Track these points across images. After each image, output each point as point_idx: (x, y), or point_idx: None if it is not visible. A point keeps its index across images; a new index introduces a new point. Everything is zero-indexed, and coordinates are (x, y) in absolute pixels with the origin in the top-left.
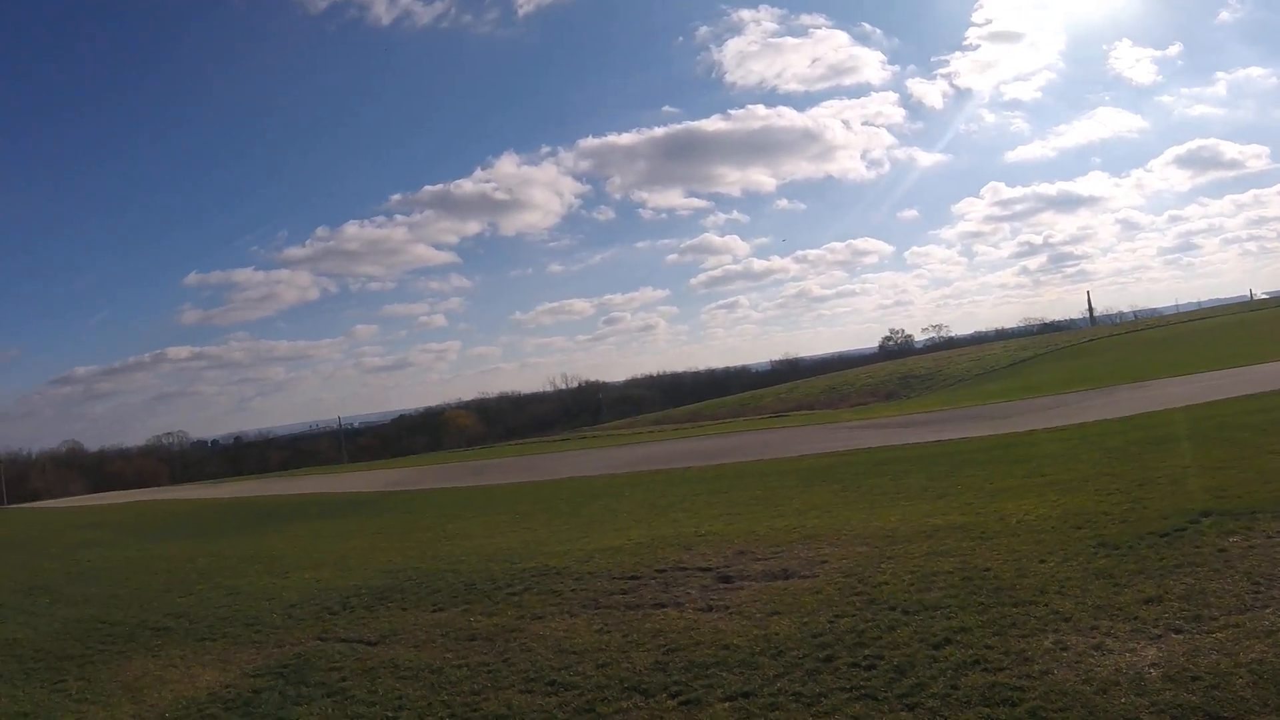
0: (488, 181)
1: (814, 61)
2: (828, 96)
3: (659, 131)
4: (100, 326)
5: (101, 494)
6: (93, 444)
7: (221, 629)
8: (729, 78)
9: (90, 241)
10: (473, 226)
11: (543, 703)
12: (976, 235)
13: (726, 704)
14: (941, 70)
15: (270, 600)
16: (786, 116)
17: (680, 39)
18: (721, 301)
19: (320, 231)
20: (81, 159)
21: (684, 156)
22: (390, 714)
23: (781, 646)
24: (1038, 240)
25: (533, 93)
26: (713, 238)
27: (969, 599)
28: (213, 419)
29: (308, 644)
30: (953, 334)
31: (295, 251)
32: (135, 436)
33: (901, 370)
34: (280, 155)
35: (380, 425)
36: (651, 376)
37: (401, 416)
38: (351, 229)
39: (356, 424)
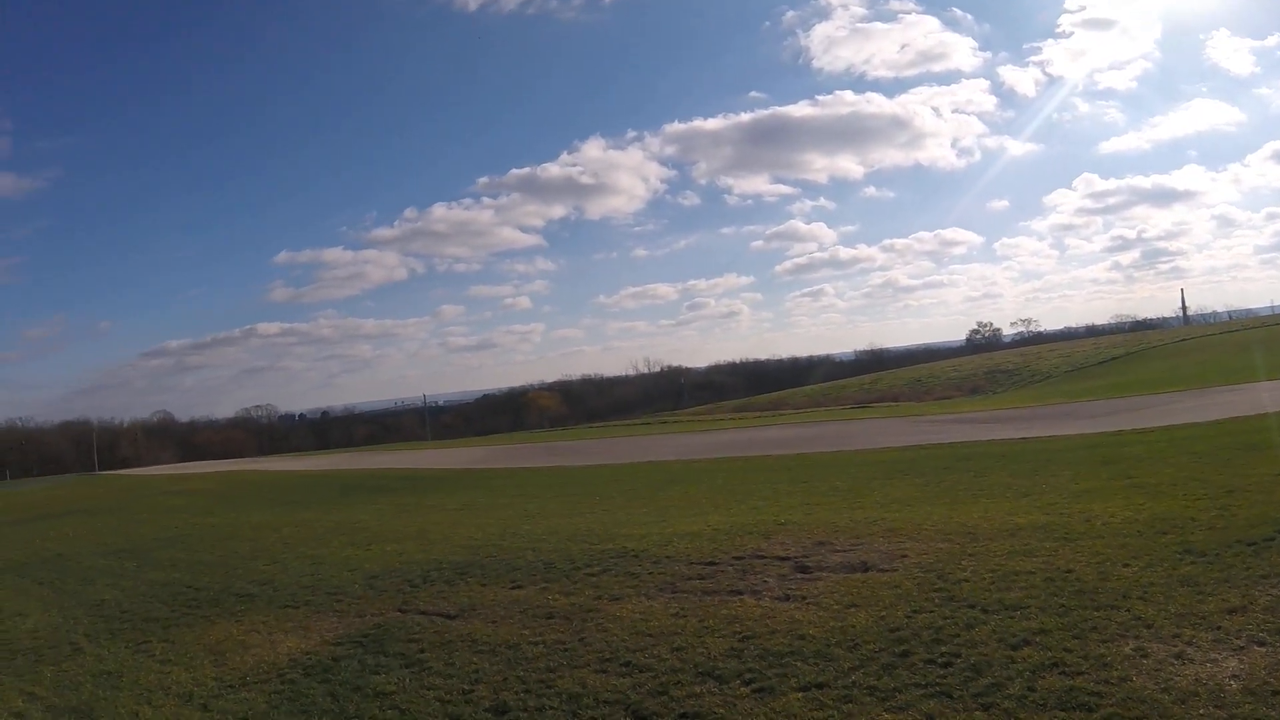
0: (574, 165)
1: (903, 47)
2: (917, 83)
3: (745, 117)
4: (193, 301)
5: (190, 463)
6: (183, 415)
7: (304, 597)
8: (816, 63)
9: (184, 219)
10: (558, 210)
11: (617, 683)
12: (1068, 228)
13: (800, 694)
14: (1034, 57)
15: (353, 571)
16: (875, 103)
17: (767, 24)
18: (806, 289)
19: (408, 213)
20: (177, 139)
21: (770, 142)
22: (466, 687)
23: (858, 639)
24: (1131, 235)
25: (619, 78)
26: (799, 225)
27: (1050, 600)
28: (300, 394)
29: (388, 615)
30: (1042, 329)
31: (384, 232)
32: (224, 408)
33: (988, 365)
34: (370, 138)
35: (464, 404)
36: (734, 363)
37: (485, 396)
38: (439, 211)
39: (441, 402)
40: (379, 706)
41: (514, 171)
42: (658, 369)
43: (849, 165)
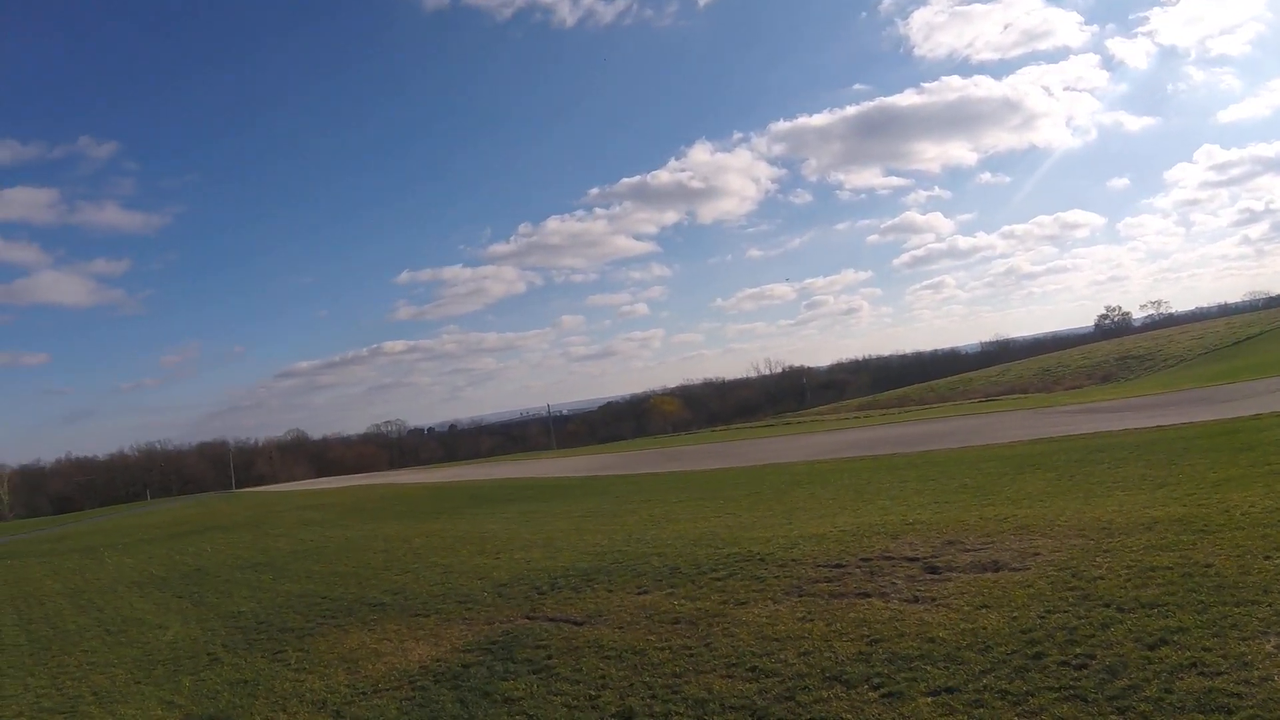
0: (683, 171)
1: (1006, 27)
2: (1025, 63)
3: (851, 110)
4: (321, 323)
5: (324, 478)
6: (316, 432)
7: (435, 605)
8: (918, 51)
9: (307, 244)
10: (670, 216)
11: (743, 688)
12: (1193, 203)
13: (930, 699)
14: (1142, 28)
15: (482, 579)
16: (983, 86)
17: (864, 14)
18: (926, 282)
19: (523, 228)
20: (294, 169)
21: (879, 134)
22: (593, 693)
23: (989, 642)
24: (1259, 207)
25: (719, 80)
26: (914, 216)
27: (1188, 597)
28: (428, 408)
29: (516, 622)
30: (1173, 310)
31: (500, 248)
32: (355, 425)
33: (1119, 350)
34: (481, 157)
35: (588, 412)
36: (856, 360)
37: (608, 403)
38: (553, 224)
39: (565, 411)
40: (507, 712)
41: (624, 180)
42: (779, 370)
43: (961, 152)
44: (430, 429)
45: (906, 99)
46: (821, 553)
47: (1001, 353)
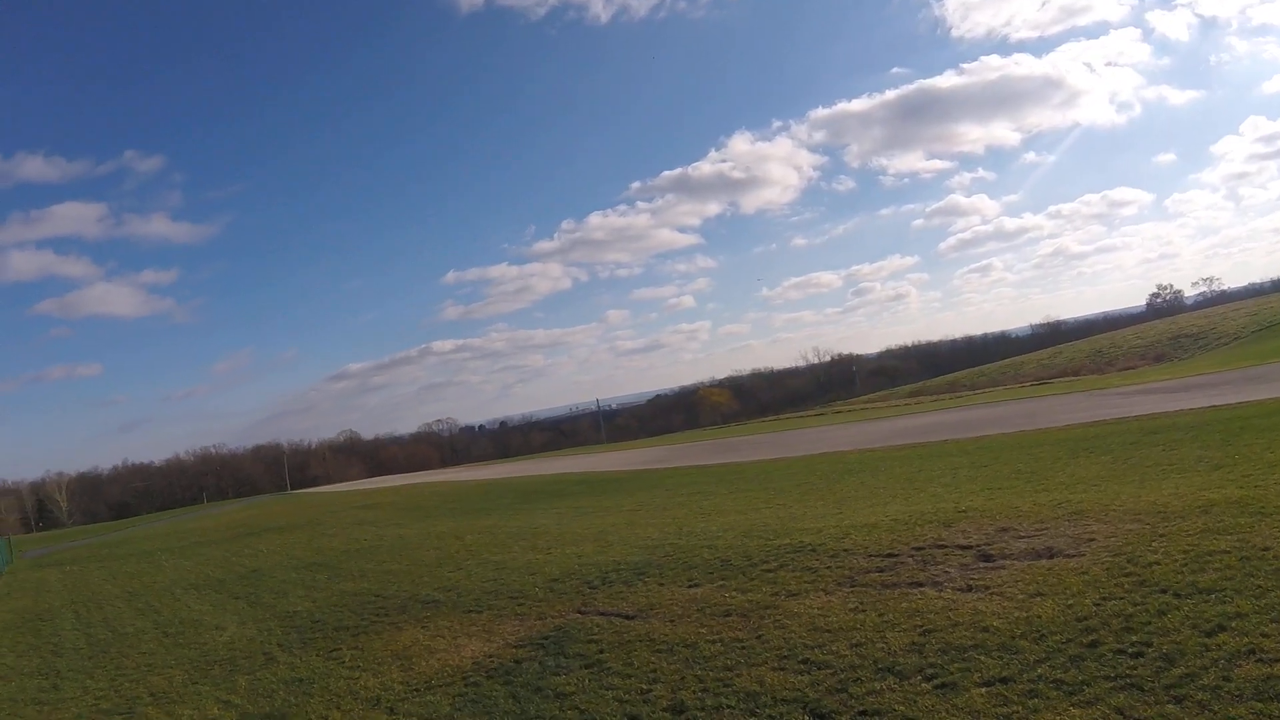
0: (723, 161)
1: (1044, 4)
2: (1064, 40)
3: (890, 94)
4: (370, 325)
5: (377, 478)
6: (368, 432)
7: (487, 602)
8: (955, 31)
9: (353, 250)
10: (713, 207)
11: (795, 680)
12: (1241, 176)
13: (984, 689)
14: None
15: (534, 575)
16: (1024, 64)
17: None
18: (974, 265)
19: (566, 224)
20: (337, 175)
21: (920, 117)
22: (645, 687)
23: (1044, 630)
24: None
25: (756, 70)
26: (959, 199)
27: (1246, 582)
28: (478, 405)
29: (568, 617)
30: (1225, 287)
31: (545, 245)
32: (407, 424)
33: (1172, 330)
34: (521, 155)
35: (637, 405)
36: (906, 347)
37: (657, 396)
38: (596, 219)
39: (614, 405)
40: (559, 707)
41: (665, 174)
42: (828, 358)
43: (1004, 132)
44: (481, 427)
45: (946, 80)
46: (873, 542)
47: (1052, 335)
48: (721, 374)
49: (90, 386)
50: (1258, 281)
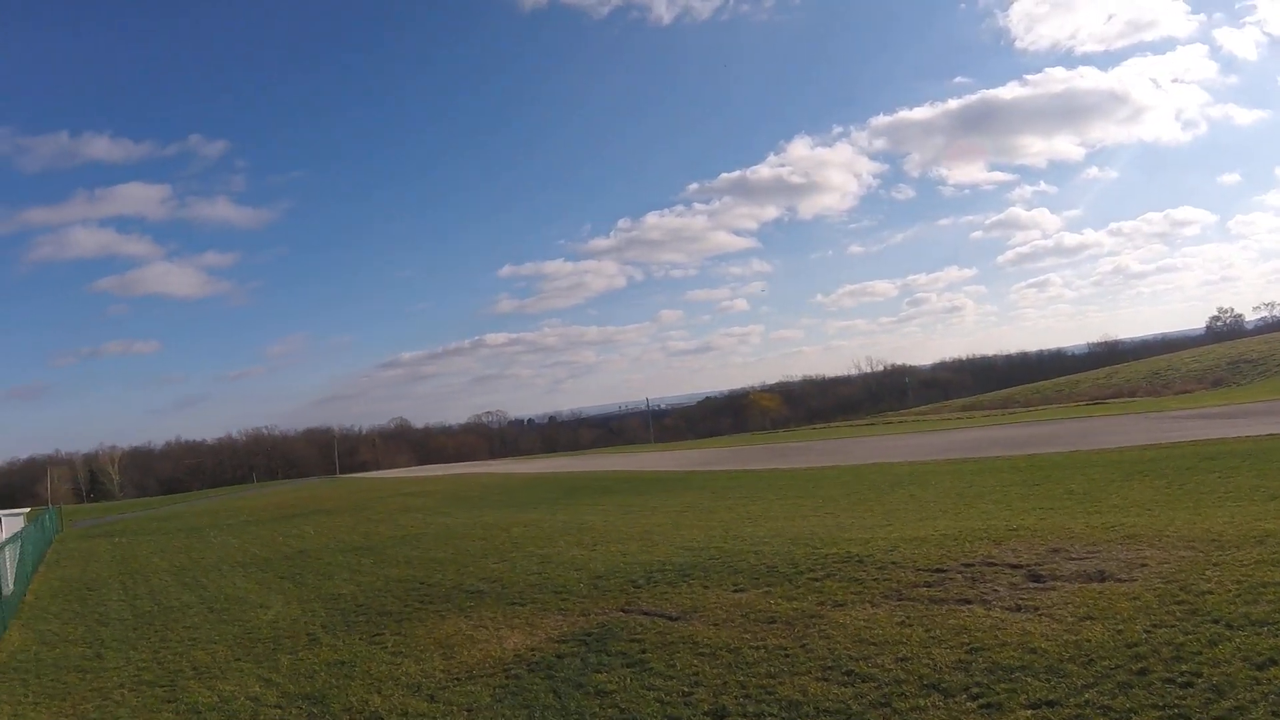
0: (783, 166)
1: (1110, 18)
2: (1130, 54)
3: (953, 104)
4: (423, 315)
5: (426, 466)
6: (419, 421)
7: (531, 595)
8: (1019, 43)
9: (410, 238)
10: (770, 211)
11: (838, 692)
12: None
13: (1029, 712)
14: (1249, 17)
15: (578, 570)
16: (1089, 78)
17: (962, 6)
18: (1032, 280)
19: (622, 223)
20: (396, 164)
21: (982, 128)
22: (686, 689)
23: (1092, 655)
24: None
25: (818, 74)
26: (1019, 212)
27: None
28: (529, 399)
29: (611, 614)
30: None
31: (601, 242)
32: (457, 414)
33: (1231, 354)
34: (580, 152)
35: (686, 407)
36: (960, 360)
37: (707, 398)
38: (652, 219)
39: (663, 405)
40: (599, 705)
41: (724, 176)
42: (880, 368)
43: (1067, 146)
44: (530, 420)
45: (1009, 91)
46: (922, 556)
47: (1109, 354)
48: (772, 379)
49: (147, 363)
50: None
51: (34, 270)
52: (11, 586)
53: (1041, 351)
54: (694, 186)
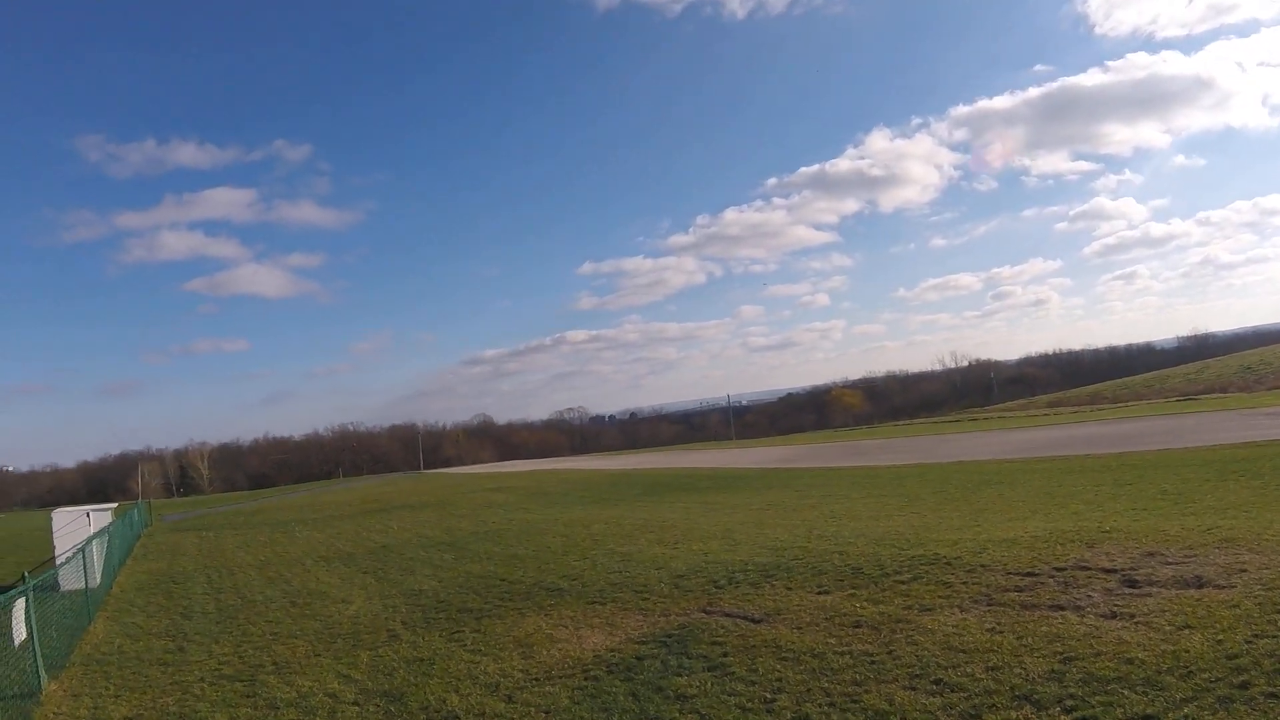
0: (861, 159)
1: (1191, 1)
2: (1214, 38)
3: (1034, 92)
4: (505, 313)
5: (508, 462)
6: (501, 417)
7: (612, 594)
8: (1099, 29)
9: (492, 237)
10: (850, 205)
11: (926, 702)
12: None
13: None
14: None
15: (660, 569)
16: (1172, 63)
17: None
18: (1118, 271)
19: (701, 219)
20: (478, 164)
21: (1064, 116)
22: (768, 695)
23: (1191, 666)
24: None
25: (894, 65)
26: (1104, 202)
27: None
28: (609, 395)
29: (692, 615)
30: None
31: (680, 239)
32: (539, 411)
33: None
34: (658, 151)
35: (767, 403)
36: (1046, 355)
37: (788, 395)
38: (731, 215)
39: (744, 401)
40: (679, 709)
41: (802, 170)
42: (965, 363)
43: (1152, 134)
44: (611, 416)
45: (1091, 78)
46: (1012, 559)
47: (1200, 348)
48: (854, 375)
49: (236, 361)
50: None
51: (126, 272)
52: (99, 580)
53: (1130, 346)
54: (772, 181)
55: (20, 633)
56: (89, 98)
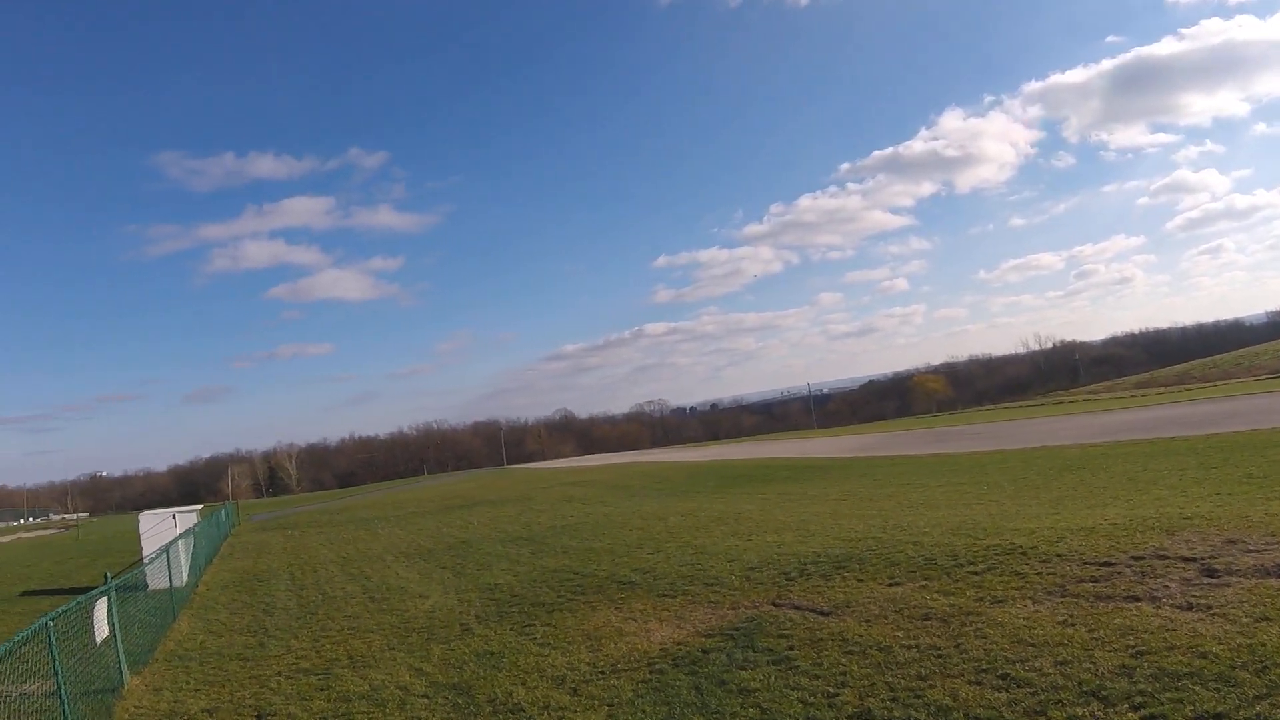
0: (935, 139)
1: None
2: None
3: (1107, 64)
4: (584, 308)
5: (589, 455)
6: (582, 411)
7: (682, 587)
8: None
9: (567, 235)
10: (926, 187)
11: (991, 697)
12: None
13: None
14: None
15: (732, 561)
16: (1248, 28)
17: None
18: (1204, 246)
19: (775, 208)
20: (549, 163)
21: (1140, 87)
22: (832, 690)
23: (1268, 661)
24: None
25: (963, 43)
26: (1186, 174)
27: None
28: (689, 387)
29: (761, 608)
30: None
31: (754, 228)
32: (620, 404)
33: None
34: (728, 141)
35: (849, 391)
36: (1132, 334)
37: (870, 382)
38: (805, 202)
39: (825, 390)
40: (741, 704)
41: (875, 153)
42: (1049, 345)
43: (1232, 102)
44: (692, 408)
45: (1165, 47)
46: (1089, 548)
47: None
48: (937, 360)
49: (321, 364)
50: None
51: (211, 281)
52: (185, 578)
53: (1218, 322)
54: (846, 166)
55: (102, 631)
56: (167, 117)
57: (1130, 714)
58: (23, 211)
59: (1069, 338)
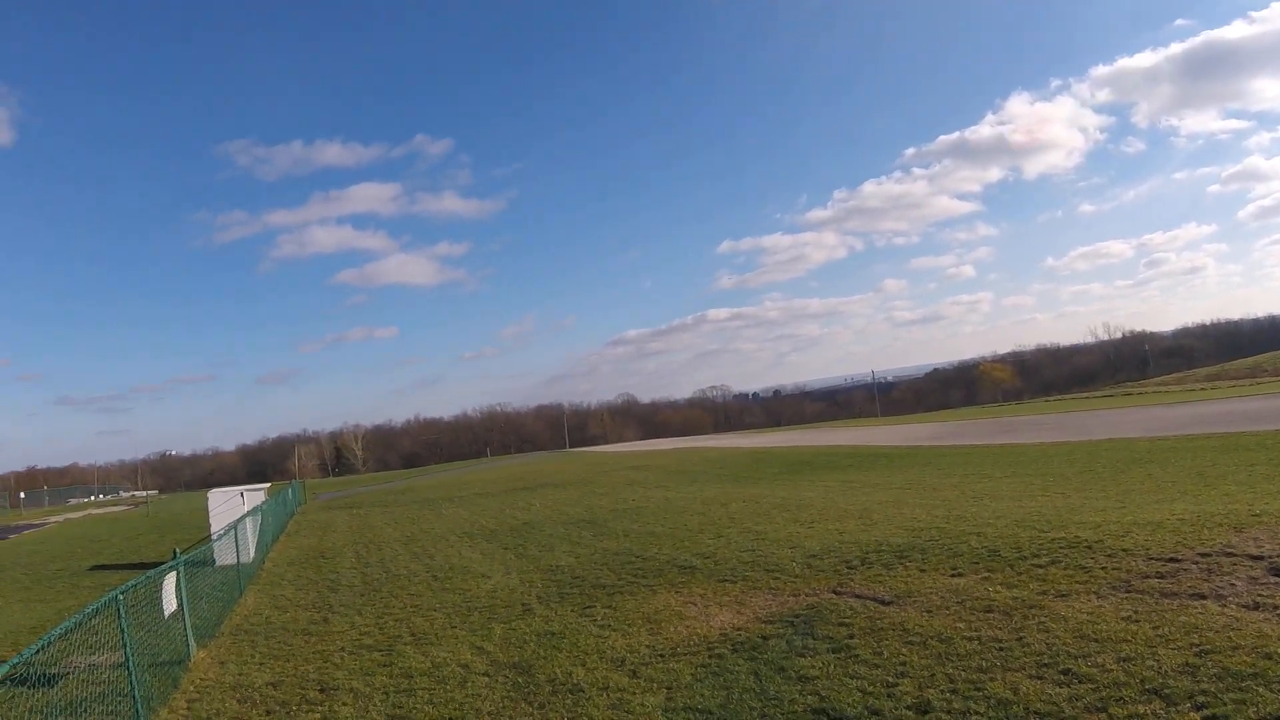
0: (1002, 125)
1: None
2: None
3: (1176, 48)
4: (647, 293)
5: (651, 440)
6: (645, 396)
7: (743, 572)
8: None
9: (633, 220)
10: (994, 172)
11: (1052, 692)
12: None
13: None
14: None
15: (793, 548)
16: None
17: None
18: (1276, 235)
19: (839, 193)
20: (612, 149)
21: (1211, 72)
22: (891, 680)
23: None
24: None
25: (1029, 25)
26: (1259, 161)
27: None
28: (752, 373)
29: (822, 596)
30: None
31: (818, 214)
32: (682, 390)
33: None
34: (791, 126)
35: (914, 379)
36: (1204, 325)
37: (935, 370)
38: (870, 187)
39: (890, 377)
40: (799, 690)
41: (941, 138)
42: (1118, 335)
43: None
44: (755, 394)
45: (1235, 31)
46: (1155, 543)
47: None
48: (1003, 348)
49: (387, 347)
50: None
51: (280, 267)
52: (252, 555)
53: None
54: (911, 151)
55: (170, 605)
56: (236, 105)
57: (1192, 713)
58: (100, 202)
59: (1138, 328)
